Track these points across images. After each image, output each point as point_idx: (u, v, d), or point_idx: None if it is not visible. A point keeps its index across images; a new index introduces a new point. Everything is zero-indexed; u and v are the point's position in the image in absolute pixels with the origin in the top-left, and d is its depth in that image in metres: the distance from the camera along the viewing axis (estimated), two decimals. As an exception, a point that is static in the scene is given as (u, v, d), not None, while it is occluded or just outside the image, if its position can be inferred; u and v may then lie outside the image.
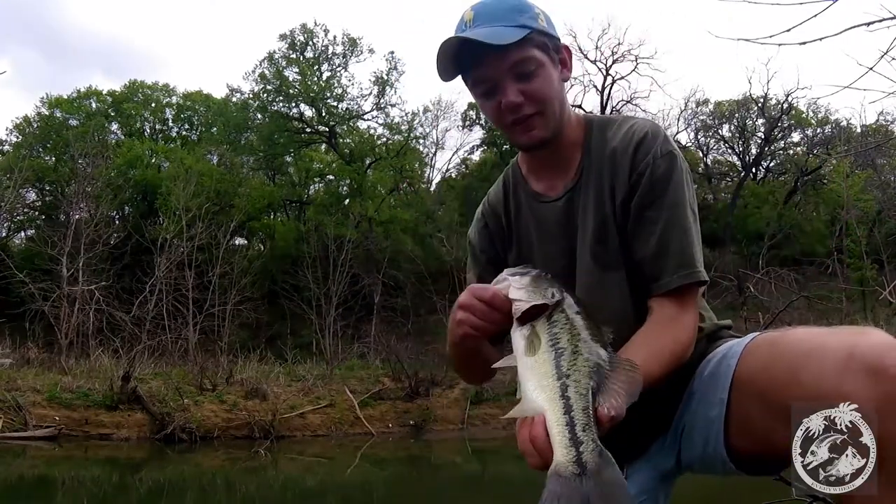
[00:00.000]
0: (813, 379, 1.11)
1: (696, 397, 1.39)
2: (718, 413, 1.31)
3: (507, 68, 1.36)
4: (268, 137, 26.52)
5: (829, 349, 1.12)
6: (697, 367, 1.41)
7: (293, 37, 26.65)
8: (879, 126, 25.55)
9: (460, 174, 30.29)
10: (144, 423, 12.21)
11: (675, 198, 1.40)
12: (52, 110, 28.51)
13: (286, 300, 20.75)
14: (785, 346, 1.23)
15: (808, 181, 26.73)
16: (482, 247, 1.63)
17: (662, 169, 1.39)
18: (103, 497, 8.51)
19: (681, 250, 1.39)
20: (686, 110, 27.58)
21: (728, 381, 1.30)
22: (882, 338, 1.11)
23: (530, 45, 1.36)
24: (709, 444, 1.33)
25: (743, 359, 1.30)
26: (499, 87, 1.39)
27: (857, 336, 1.12)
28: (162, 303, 18.26)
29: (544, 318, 1.15)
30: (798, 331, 1.25)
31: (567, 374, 1.08)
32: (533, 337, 1.14)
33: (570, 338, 1.12)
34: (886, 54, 3.04)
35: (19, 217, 26.06)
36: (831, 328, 1.21)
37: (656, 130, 1.43)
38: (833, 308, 18.45)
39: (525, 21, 1.37)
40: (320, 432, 13.19)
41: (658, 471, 1.48)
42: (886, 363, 1.06)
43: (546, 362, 1.10)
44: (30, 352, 15.54)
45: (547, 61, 1.40)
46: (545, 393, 1.08)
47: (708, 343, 1.46)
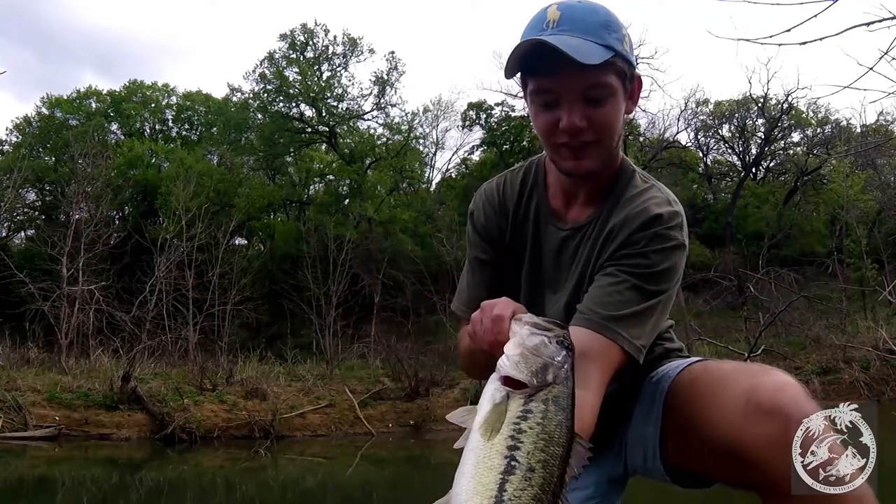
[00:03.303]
0: (718, 421, 1.19)
1: (637, 414, 1.43)
2: (654, 431, 1.36)
3: (580, 88, 1.26)
4: (268, 137, 26.52)
5: (731, 394, 1.19)
6: (642, 384, 1.45)
7: (293, 37, 26.66)
8: (879, 126, 25.55)
9: (460, 174, 30.26)
10: (144, 423, 12.21)
11: (652, 273, 1.29)
12: (51, 110, 28.52)
13: (286, 300, 20.74)
14: (701, 386, 1.29)
15: (808, 181, 26.73)
16: (484, 225, 1.54)
17: (656, 249, 1.30)
18: (103, 497, 8.51)
19: (621, 305, 1.26)
20: (686, 110, 27.57)
21: (661, 404, 1.36)
22: (776, 379, 1.19)
23: (611, 70, 1.26)
24: (647, 458, 1.38)
25: (672, 389, 1.35)
26: (563, 104, 1.28)
27: (755, 379, 1.19)
28: (162, 303, 18.26)
29: (523, 397, 0.99)
30: (712, 370, 1.31)
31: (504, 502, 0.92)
32: (499, 412, 0.98)
33: (534, 448, 0.95)
34: (886, 54, 3.04)
35: (19, 217, 26.07)
36: (739, 368, 1.27)
37: (672, 217, 1.33)
38: (833, 308, 18.45)
39: (612, 42, 1.26)
40: (320, 432, 13.18)
41: (608, 477, 1.52)
42: (780, 404, 1.14)
43: (492, 470, 0.94)
44: (30, 352, 15.53)
45: (620, 91, 1.30)
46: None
47: (657, 361, 1.48)
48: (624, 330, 1.25)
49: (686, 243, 1.34)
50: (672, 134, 27.60)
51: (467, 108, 28.06)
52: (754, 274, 18.66)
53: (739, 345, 15.10)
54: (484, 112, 27.31)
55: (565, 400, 1.00)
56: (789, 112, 26.56)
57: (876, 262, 19.83)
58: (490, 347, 1.14)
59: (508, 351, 1.05)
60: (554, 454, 0.96)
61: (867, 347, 14.31)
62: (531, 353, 1.02)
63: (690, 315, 17.90)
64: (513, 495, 0.92)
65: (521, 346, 1.04)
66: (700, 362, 1.38)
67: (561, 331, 1.06)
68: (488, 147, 28.08)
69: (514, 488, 0.93)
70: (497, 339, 1.13)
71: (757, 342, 14.11)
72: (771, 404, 1.14)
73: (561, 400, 0.99)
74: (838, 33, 3.14)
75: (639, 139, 28.60)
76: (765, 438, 1.12)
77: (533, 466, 0.94)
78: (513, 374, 1.00)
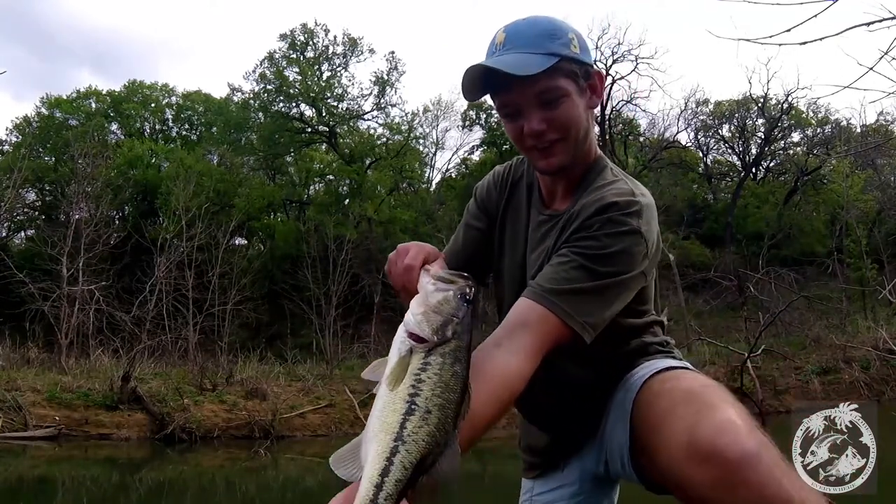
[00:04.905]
0: (665, 457, 1.22)
1: (612, 417, 1.45)
2: (625, 440, 1.38)
3: (533, 96, 1.38)
4: (268, 137, 26.53)
5: (676, 430, 1.21)
6: (619, 384, 1.46)
7: (293, 37, 26.66)
8: (879, 126, 25.56)
9: (460, 174, 30.27)
10: (144, 423, 12.21)
11: (600, 254, 1.33)
12: (51, 110, 28.53)
13: (286, 300, 20.75)
14: (654, 412, 1.31)
15: (808, 181, 26.73)
16: (485, 199, 1.67)
17: (607, 233, 1.33)
18: (103, 497, 8.51)
19: (566, 281, 1.31)
20: (686, 110, 27.60)
21: (629, 414, 1.38)
22: (721, 417, 1.18)
23: (558, 73, 1.36)
24: (623, 464, 1.41)
25: (637, 401, 1.37)
26: (523, 113, 1.40)
27: (696, 417, 1.19)
28: (162, 303, 18.26)
29: (423, 352, 1.12)
30: (666, 395, 1.32)
31: (404, 439, 1.07)
32: (403, 365, 1.12)
33: (431, 395, 1.09)
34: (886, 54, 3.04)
35: (19, 217, 26.07)
36: (686, 398, 1.26)
37: (629, 204, 1.36)
38: (833, 308, 18.45)
39: (555, 48, 1.36)
40: (320, 432, 13.18)
41: (590, 473, 1.55)
42: (718, 448, 1.13)
43: (395, 412, 1.09)
44: (30, 352, 15.54)
45: (574, 90, 1.39)
46: (377, 445, 1.09)
47: (634, 358, 1.50)
48: (564, 304, 1.30)
49: (642, 230, 1.35)
50: (672, 134, 27.66)
51: (467, 108, 28.09)
52: (754, 274, 18.68)
53: (739, 345, 15.10)
54: (484, 112, 27.32)
55: (462, 353, 1.13)
56: (789, 112, 26.57)
57: (876, 262, 19.83)
58: (402, 290, 1.26)
59: (413, 308, 1.16)
60: (449, 399, 1.10)
61: (867, 347, 14.31)
62: (433, 312, 1.14)
63: (690, 315, 17.92)
64: (411, 432, 1.08)
65: (425, 305, 1.16)
66: (661, 375, 1.38)
67: (464, 283, 1.18)
68: (488, 147, 28.09)
69: (412, 426, 1.08)
70: (406, 286, 1.26)
71: (757, 342, 14.11)
72: (710, 449, 1.14)
73: (458, 353, 1.12)
74: (838, 33, 3.14)
75: (639, 139, 28.63)
76: (707, 482, 1.14)
77: (430, 409, 1.09)
78: (416, 331, 1.13)
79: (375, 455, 1.09)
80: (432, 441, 1.07)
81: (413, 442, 1.07)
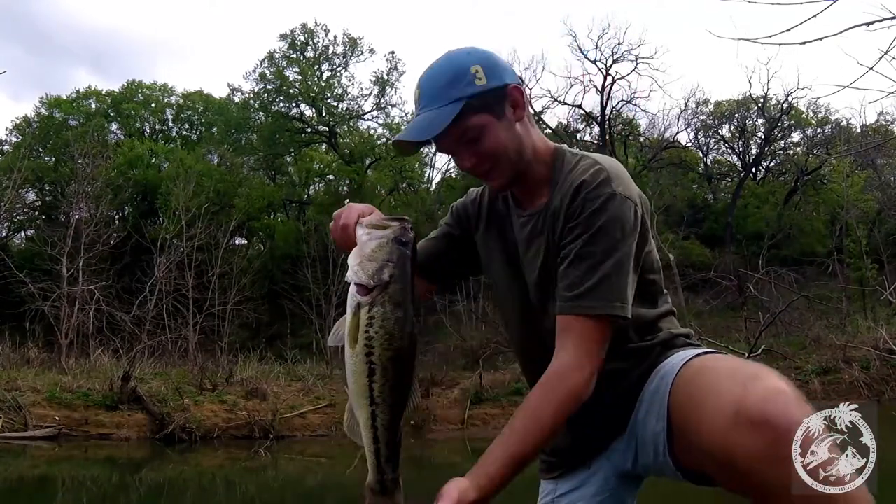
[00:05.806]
0: (709, 431, 1.20)
1: (644, 407, 1.45)
2: (662, 428, 1.38)
3: (453, 141, 1.46)
4: (268, 137, 26.52)
5: (721, 402, 1.20)
6: (650, 376, 1.46)
7: (294, 37, 26.67)
8: (879, 126, 25.54)
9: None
10: (144, 423, 12.21)
11: (593, 233, 1.39)
12: (51, 110, 28.52)
13: (286, 300, 20.75)
14: (694, 390, 1.31)
15: (808, 181, 26.72)
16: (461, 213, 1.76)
17: (590, 211, 1.40)
18: (103, 497, 8.51)
19: (579, 281, 1.38)
20: (686, 110, 27.56)
21: (665, 400, 1.38)
22: (768, 386, 1.18)
23: (469, 112, 1.42)
24: (658, 454, 1.40)
25: (675, 385, 1.37)
26: (455, 154, 1.51)
27: (744, 388, 1.18)
28: (162, 303, 18.27)
29: (367, 305, 1.17)
30: (707, 372, 1.32)
31: (376, 401, 1.16)
32: (355, 323, 1.17)
33: (382, 350, 1.16)
34: (886, 54, 3.04)
35: (19, 217, 26.07)
36: (730, 373, 1.26)
37: (596, 175, 1.42)
38: (833, 308, 18.45)
39: (460, 92, 1.42)
40: (320, 432, 13.17)
41: (618, 470, 1.54)
42: (768, 415, 1.12)
43: (362, 374, 1.16)
44: (30, 352, 15.53)
45: (490, 120, 1.44)
46: (362, 412, 1.18)
47: (663, 350, 1.50)
48: (588, 301, 1.36)
49: (618, 192, 1.39)
50: (672, 134, 27.62)
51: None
52: (754, 274, 18.66)
53: (739, 345, 15.08)
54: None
55: (401, 295, 1.17)
56: (789, 112, 26.56)
57: (876, 262, 19.83)
58: (347, 251, 1.32)
59: (350, 260, 1.21)
60: (399, 348, 1.16)
61: (867, 347, 14.30)
62: (367, 260, 1.19)
63: (690, 315, 17.90)
64: (379, 392, 1.16)
65: (360, 255, 1.20)
66: (699, 358, 1.39)
67: (399, 225, 1.23)
68: (488, 147, 28.06)
69: (378, 386, 1.15)
70: (346, 244, 1.32)
71: (757, 342, 14.10)
72: (759, 417, 1.13)
73: (396, 296, 1.16)
74: (838, 33, 3.14)
75: (639, 139, 28.62)
76: (755, 450, 1.12)
77: (386, 365, 1.15)
78: (356, 281, 1.17)
79: (364, 425, 1.18)
80: (398, 392, 1.16)
81: (384, 402, 1.15)
